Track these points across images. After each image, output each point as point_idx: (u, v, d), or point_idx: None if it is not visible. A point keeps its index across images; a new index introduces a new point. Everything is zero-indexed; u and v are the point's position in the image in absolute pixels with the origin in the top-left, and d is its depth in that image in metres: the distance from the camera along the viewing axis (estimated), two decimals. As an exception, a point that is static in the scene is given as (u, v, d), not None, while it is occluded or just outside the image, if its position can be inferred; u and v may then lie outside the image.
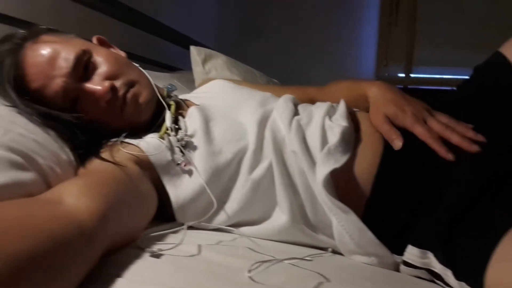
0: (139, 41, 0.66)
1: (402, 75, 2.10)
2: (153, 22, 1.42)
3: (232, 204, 0.60)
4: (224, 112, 0.70)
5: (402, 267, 0.54)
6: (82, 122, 0.61)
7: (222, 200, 0.61)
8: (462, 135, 0.57)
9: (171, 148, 0.62)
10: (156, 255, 0.46)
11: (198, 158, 0.61)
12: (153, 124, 0.67)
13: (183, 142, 0.62)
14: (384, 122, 0.62)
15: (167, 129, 0.64)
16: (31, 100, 0.59)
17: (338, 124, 0.62)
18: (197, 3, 1.84)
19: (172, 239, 0.54)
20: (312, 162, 0.59)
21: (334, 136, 0.60)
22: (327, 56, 1.99)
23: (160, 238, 0.54)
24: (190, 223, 0.56)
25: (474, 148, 0.55)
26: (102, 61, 0.65)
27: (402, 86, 2.08)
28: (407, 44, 2.04)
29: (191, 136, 0.63)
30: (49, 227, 0.36)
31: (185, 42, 1.59)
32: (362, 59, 2.09)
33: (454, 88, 0.82)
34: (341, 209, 0.55)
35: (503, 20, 1.93)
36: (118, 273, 0.41)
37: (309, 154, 0.59)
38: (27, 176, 0.47)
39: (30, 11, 0.91)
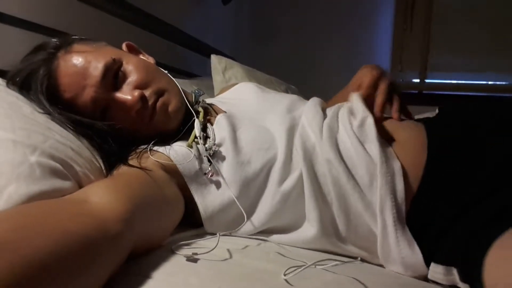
0: (159, 47, 0.67)
1: (417, 80, 2.08)
2: (173, 29, 1.45)
3: (260, 215, 0.60)
4: (252, 119, 0.70)
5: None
6: (113, 130, 0.62)
7: (251, 211, 0.61)
8: None
9: (199, 157, 0.62)
10: (193, 259, 0.46)
11: (226, 168, 0.61)
12: (181, 131, 0.68)
13: (211, 152, 0.62)
14: None
15: (196, 138, 0.64)
16: (64, 109, 0.60)
17: (371, 138, 0.61)
18: (214, 11, 1.86)
19: (202, 243, 0.55)
20: (349, 172, 0.58)
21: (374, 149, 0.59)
22: (342, 61, 1.99)
23: (190, 242, 0.54)
24: (221, 233, 0.55)
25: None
26: (132, 70, 0.65)
27: (417, 92, 2.07)
28: (422, 49, 2.03)
29: (219, 145, 0.64)
30: (70, 224, 0.36)
31: (203, 49, 1.61)
32: (377, 63, 2.09)
33: (469, 94, 0.80)
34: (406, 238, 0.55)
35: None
36: (154, 276, 0.42)
37: (345, 163, 0.59)
38: (65, 184, 0.48)
39: (60, 21, 0.93)
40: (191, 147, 0.63)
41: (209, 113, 0.74)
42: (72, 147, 0.54)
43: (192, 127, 0.66)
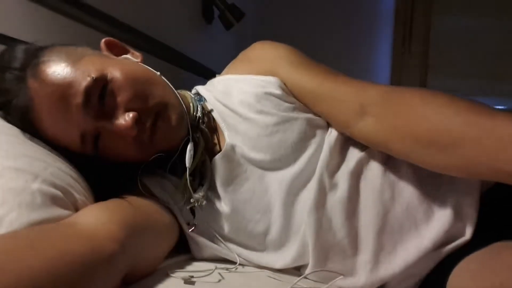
0: (163, 72, 0.68)
1: (417, 102, 2.11)
2: (177, 54, 1.48)
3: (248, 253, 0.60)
4: (248, 170, 0.61)
5: None
6: (105, 162, 0.58)
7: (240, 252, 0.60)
8: None
9: (186, 203, 0.58)
10: (191, 282, 0.46)
11: (215, 220, 0.60)
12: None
13: (197, 204, 0.57)
14: None
15: (188, 184, 0.57)
16: (52, 144, 0.55)
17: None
18: (217, 36, 1.90)
19: (196, 266, 0.55)
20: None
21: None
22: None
23: (181, 265, 0.55)
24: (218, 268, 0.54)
25: None
26: (120, 86, 0.55)
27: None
28: (420, 72, 2.06)
29: (210, 197, 0.60)
30: (64, 245, 0.36)
31: (207, 74, 1.64)
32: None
33: None
34: None
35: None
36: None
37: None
38: (65, 212, 0.48)
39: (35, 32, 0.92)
40: (182, 192, 0.58)
41: (212, 135, 0.65)
42: (72, 174, 0.54)
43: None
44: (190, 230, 0.58)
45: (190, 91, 0.72)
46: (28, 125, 0.54)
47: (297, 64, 0.66)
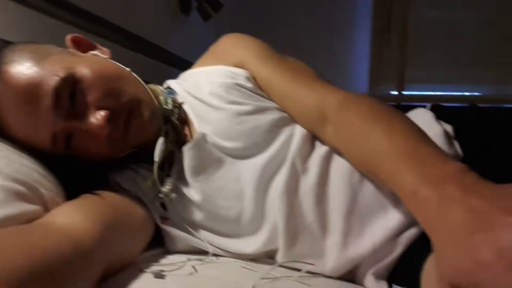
0: (140, 65, 0.66)
1: (395, 92, 2.13)
2: (154, 47, 1.46)
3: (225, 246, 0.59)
4: (220, 159, 0.61)
5: None
6: (77, 160, 0.57)
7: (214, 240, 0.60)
8: None
9: (156, 198, 0.58)
10: (161, 276, 0.46)
11: (187, 211, 0.59)
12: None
13: (168, 199, 0.58)
14: None
15: (155, 179, 0.58)
16: (21, 146, 0.53)
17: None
18: (195, 28, 1.88)
19: (170, 259, 0.55)
20: None
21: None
22: (322, 77, 2.02)
23: (154, 259, 0.55)
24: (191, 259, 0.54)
25: None
26: (90, 84, 0.54)
27: (395, 104, 2.12)
28: (399, 63, 2.09)
29: (179, 191, 0.60)
30: (43, 245, 0.36)
31: (185, 66, 1.62)
32: (356, 78, 2.13)
33: (446, 104, 0.76)
34: None
35: (493, 40, 1.98)
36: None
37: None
38: (32, 207, 0.47)
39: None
40: (150, 187, 0.58)
41: (182, 127, 0.65)
42: (38, 170, 0.52)
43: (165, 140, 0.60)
44: (162, 223, 0.58)
45: (162, 85, 0.72)
46: None
47: (266, 60, 0.66)
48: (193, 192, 0.59)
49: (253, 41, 0.69)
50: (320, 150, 0.59)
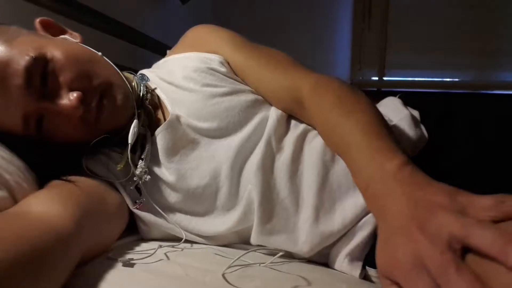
0: (117, 49, 0.63)
1: (376, 78, 2.14)
2: (131, 30, 1.42)
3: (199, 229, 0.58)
4: (195, 140, 0.60)
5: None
6: (48, 144, 0.56)
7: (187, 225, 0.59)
8: None
9: (129, 180, 0.57)
10: (129, 264, 0.45)
11: (161, 193, 0.59)
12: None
13: (141, 181, 0.56)
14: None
15: (128, 160, 0.56)
16: None
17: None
18: (173, 10, 1.83)
19: (143, 247, 0.54)
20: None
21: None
22: (302, 62, 2.01)
23: (127, 247, 0.54)
24: (162, 246, 0.54)
25: None
26: (62, 65, 0.53)
27: (375, 89, 2.13)
28: (380, 48, 2.09)
29: (153, 173, 0.58)
30: (22, 233, 0.36)
31: (163, 50, 1.59)
32: (337, 64, 2.12)
33: (426, 90, 0.80)
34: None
35: (473, 25, 1.99)
36: (94, 285, 0.40)
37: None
38: None
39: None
40: (122, 170, 0.57)
41: (155, 111, 0.65)
42: (2, 155, 0.50)
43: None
44: (135, 207, 0.56)
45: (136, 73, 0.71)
46: None
47: (240, 46, 0.67)
48: (167, 174, 0.58)
49: (225, 30, 0.70)
50: (295, 130, 0.60)
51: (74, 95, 0.52)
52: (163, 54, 1.48)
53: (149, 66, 0.77)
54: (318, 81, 0.58)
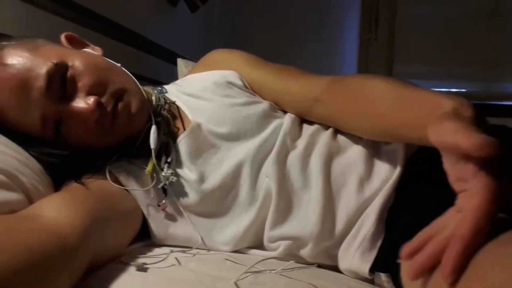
0: (126, 55, 0.65)
1: (383, 88, 2.15)
2: (140, 37, 1.44)
3: (216, 240, 0.60)
4: (216, 145, 0.63)
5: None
6: (67, 149, 0.57)
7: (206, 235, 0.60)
8: None
9: (155, 185, 0.59)
10: (143, 269, 0.45)
11: (184, 200, 0.60)
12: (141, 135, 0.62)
13: (168, 182, 0.58)
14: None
15: (154, 164, 0.59)
16: (9, 129, 0.54)
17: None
18: (182, 19, 1.86)
19: (154, 252, 0.55)
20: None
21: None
22: (310, 70, 2.03)
23: (139, 251, 0.54)
24: (175, 251, 0.55)
25: None
26: (81, 72, 0.56)
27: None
28: (387, 59, 2.10)
29: (177, 174, 0.60)
30: (27, 240, 0.36)
31: (171, 57, 1.61)
32: (344, 73, 2.13)
33: None
34: None
35: (480, 36, 2.00)
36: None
37: None
38: (12, 196, 0.46)
39: (12, 28, 0.90)
40: (150, 173, 0.58)
41: (174, 119, 0.67)
42: (19, 158, 0.51)
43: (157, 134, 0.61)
44: (161, 209, 0.58)
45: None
46: None
47: (253, 64, 0.73)
48: (191, 175, 0.60)
49: (240, 51, 0.77)
50: (307, 131, 0.65)
51: (91, 99, 0.55)
52: (171, 62, 1.49)
53: (158, 73, 0.80)
54: (331, 78, 0.64)
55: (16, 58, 0.54)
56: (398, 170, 0.57)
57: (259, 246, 0.61)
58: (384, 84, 0.55)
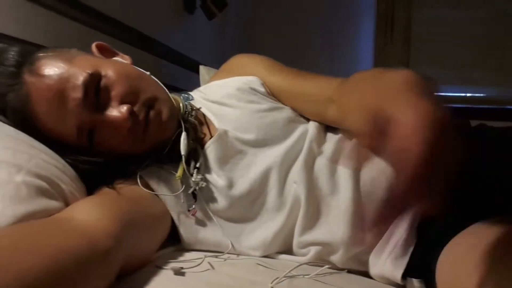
0: (144, 62, 0.67)
1: (398, 93, 2.14)
2: (159, 44, 1.46)
3: (244, 246, 0.61)
4: (243, 151, 0.65)
5: None
6: (100, 157, 0.58)
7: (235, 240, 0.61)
8: None
9: (185, 190, 0.59)
10: (181, 273, 0.46)
11: (212, 199, 0.61)
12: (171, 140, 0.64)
13: (197, 187, 0.59)
14: None
15: (184, 170, 0.60)
16: (46, 137, 0.56)
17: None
18: (200, 26, 1.88)
19: (186, 257, 0.55)
20: None
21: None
22: (325, 75, 2.03)
23: (171, 256, 0.55)
24: (208, 256, 0.55)
25: None
26: (114, 81, 0.58)
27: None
28: (403, 63, 2.09)
29: (206, 180, 0.61)
30: (59, 242, 0.37)
31: (189, 64, 1.63)
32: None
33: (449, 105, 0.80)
34: None
35: (496, 39, 1.99)
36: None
37: None
38: (53, 204, 0.47)
39: (42, 36, 0.93)
40: (180, 178, 0.59)
41: (201, 126, 0.69)
42: (57, 165, 0.53)
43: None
44: (191, 214, 0.59)
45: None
46: (23, 118, 0.56)
47: (272, 69, 0.75)
48: (219, 180, 0.62)
49: (259, 56, 0.79)
50: (333, 138, 0.67)
51: (124, 108, 0.57)
52: (187, 68, 1.50)
53: (175, 79, 0.81)
54: (345, 79, 0.64)
55: (53, 69, 0.56)
56: None
57: (288, 251, 0.62)
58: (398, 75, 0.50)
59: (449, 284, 0.45)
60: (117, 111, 0.57)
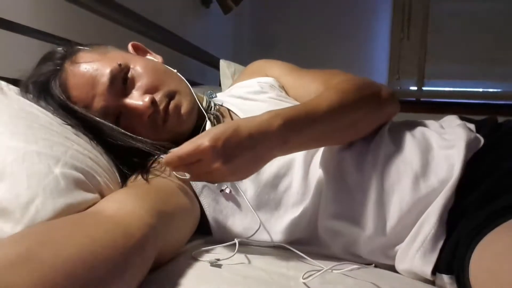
0: (161, 55, 0.70)
1: (415, 88, 2.12)
2: (175, 38, 1.46)
3: (276, 229, 0.61)
4: None
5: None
6: (128, 138, 0.61)
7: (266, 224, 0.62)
8: None
9: None
10: (217, 265, 0.46)
11: (243, 193, 0.61)
12: (194, 134, 0.67)
13: None
14: None
15: None
16: (83, 120, 0.60)
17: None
18: (215, 20, 1.88)
19: (219, 249, 0.55)
20: None
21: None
22: (340, 69, 2.02)
23: (208, 249, 0.55)
24: (238, 239, 0.56)
25: None
26: (140, 73, 0.65)
27: (414, 99, 2.10)
28: (419, 57, 2.07)
29: None
30: (93, 233, 0.37)
31: (204, 58, 1.63)
32: (374, 73, 2.12)
33: (466, 101, 0.81)
34: None
35: (513, 34, 1.96)
36: (184, 283, 0.42)
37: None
38: (90, 196, 0.48)
39: (67, 29, 0.94)
40: None
41: (223, 119, 0.72)
42: (91, 156, 0.54)
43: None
44: (228, 192, 0.61)
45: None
46: (64, 103, 0.61)
47: (287, 71, 0.82)
48: None
49: (276, 61, 0.87)
50: None
51: (146, 97, 0.63)
52: (203, 61, 1.52)
53: (191, 73, 0.85)
54: (348, 77, 0.67)
55: (88, 59, 0.64)
56: (457, 171, 0.56)
57: (313, 238, 0.62)
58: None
59: (489, 282, 0.44)
60: (140, 100, 0.63)
